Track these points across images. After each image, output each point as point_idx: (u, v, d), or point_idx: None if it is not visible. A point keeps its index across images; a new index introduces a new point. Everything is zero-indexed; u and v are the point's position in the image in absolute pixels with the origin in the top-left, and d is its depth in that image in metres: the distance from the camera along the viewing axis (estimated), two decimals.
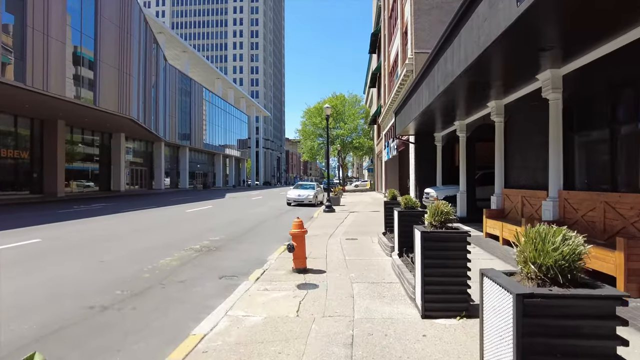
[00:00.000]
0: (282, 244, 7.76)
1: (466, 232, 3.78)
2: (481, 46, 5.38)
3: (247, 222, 12.51)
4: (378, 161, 35.88)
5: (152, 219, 13.18)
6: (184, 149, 49.66)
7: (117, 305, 4.36)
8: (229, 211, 16.68)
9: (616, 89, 5.47)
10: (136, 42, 28.13)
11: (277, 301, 4.33)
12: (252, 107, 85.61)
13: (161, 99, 39.11)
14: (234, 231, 10.41)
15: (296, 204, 20.17)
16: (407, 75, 16.12)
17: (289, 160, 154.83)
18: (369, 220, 12.85)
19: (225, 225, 11.74)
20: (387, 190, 8.73)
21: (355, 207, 18.87)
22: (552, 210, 6.38)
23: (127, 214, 15.02)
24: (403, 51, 18.67)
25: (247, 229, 11.00)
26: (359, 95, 44.79)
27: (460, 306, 3.78)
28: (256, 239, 9.30)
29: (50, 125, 26.67)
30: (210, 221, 12.77)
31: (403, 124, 13.83)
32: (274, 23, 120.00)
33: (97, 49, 23.15)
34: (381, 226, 10.46)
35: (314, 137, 43.15)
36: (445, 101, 8.96)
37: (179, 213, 15.48)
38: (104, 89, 23.88)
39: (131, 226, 11.26)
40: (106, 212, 15.29)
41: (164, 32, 42.88)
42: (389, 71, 25.13)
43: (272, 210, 17.14)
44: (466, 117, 11.32)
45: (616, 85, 5.43)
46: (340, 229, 10.55)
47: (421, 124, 13.22)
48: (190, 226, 11.40)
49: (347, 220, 12.75)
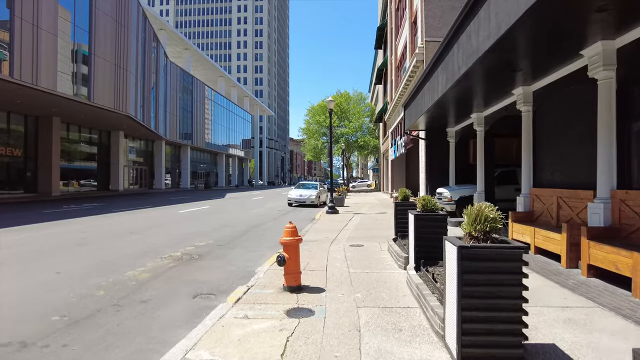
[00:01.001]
0: (277, 251, 6.66)
1: (522, 247, 2.65)
2: (520, 9, 4.24)
3: (242, 225, 11.43)
4: (384, 160, 34.70)
5: (139, 221, 12.16)
6: (186, 148, 48.78)
7: (44, 340, 3.28)
8: (225, 212, 15.63)
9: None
10: (134, 36, 27.21)
11: (258, 336, 3.23)
12: (255, 106, 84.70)
13: (161, 97, 38.22)
14: (224, 235, 9.33)
15: (298, 204, 19.07)
16: (417, 66, 14.96)
17: (293, 160, 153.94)
18: (376, 223, 11.71)
19: (217, 228, 10.67)
20: (397, 190, 7.60)
21: (361, 208, 17.73)
22: (602, 214, 5.20)
23: (115, 214, 14.01)
24: (412, 42, 17.52)
25: (240, 232, 9.92)
26: (364, 93, 43.64)
27: (513, 354, 2.65)
28: (248, 244, 8.21)
29: (45, 122, 25.83)
30: (202, 223, 11.71)
31: (413, 118, 12.67)
32: (279, 22, 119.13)
33: (91, 42, 22.23)
34: (390, 230, 9.34)
35: (318, 135, 42.00)
36: (464, 87, 7.81)
37: (171, 214, 14.45)
38: (98, 84, 22.96)
39: (113, 229, 10.23)
40: (94, 213, 14.31)
41: (165, 28, 42.02)
42: (396, 65, 23.96)
43: (271, 212, 16.06)
44: (485, 108, 10.14)
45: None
46: (344, 234, 9.43)
47: (433, 118, 12.06)
48: (179, 229, 10.34)
49: (351, 223, 11.63)
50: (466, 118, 11.82)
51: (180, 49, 48.75)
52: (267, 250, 7.44)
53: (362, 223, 11.67)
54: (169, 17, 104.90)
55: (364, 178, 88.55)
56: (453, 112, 11.09)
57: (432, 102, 9.61)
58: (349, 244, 7.85)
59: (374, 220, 12.50)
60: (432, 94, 9.43)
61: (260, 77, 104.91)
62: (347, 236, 8.94)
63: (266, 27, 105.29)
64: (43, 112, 24.91)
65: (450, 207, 11.73)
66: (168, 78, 40.96)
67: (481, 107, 10.23)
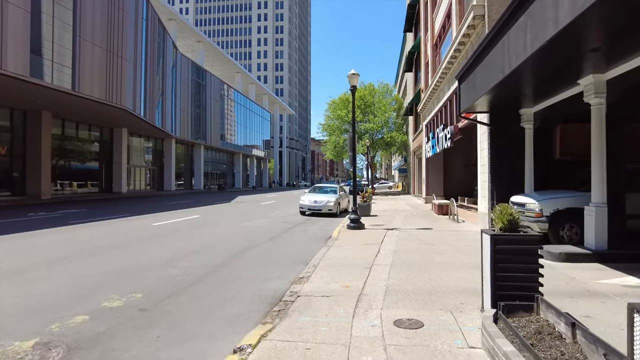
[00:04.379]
0: (260, 319, 2.93)
1: None
2: None
3: (220, 250, 7.68)
4: (414, 159, 30.33)
5: (78, 241, 8.63)
6: (199, 147, 45.97)
7: None
8: (214, 225, 11.99)
9: None
10: (131, 20, 24.20)
11: None
12: (275, 104, 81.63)
13: (169, 92, 35.36)
14: (174, 278, 5.59)
15: (312, 212, 15.21)
16: (473, 26, 10.81)
17: (315, 160, 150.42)
18: (427, 252, 7.65)
19: (178, 257, 6.97)
20: (497, 208, 3.63)
21: (393, 219, 13.65)
22: None
23: (71, 227, 10.65)
24: (459, 2, 13.36)
25: (205, 270, 6.15)
26: (390, 85, 39.17)
27: None
28: (194, 310, 4.38)
29: (33, 118, 23.18)
30: (163, 247, 8.06)
31: (474, 93, 8.54)
32: (300, 18, 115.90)
33: (75, 21, 19.24)
34: (460, 272, 5.34)
35: (339, 132, 37.94)
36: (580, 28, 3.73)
37: (141, 228, 10.91)
38: (85, 71, 19.97)
39: (43, 255, 6.73)
40: (51, 225, 10.98)
41: (175, 19, 39.22)
42: (432, 43, 19.72)
43: (274, 224, 12.29)
44: (609, 66, 5.94)
45: None
46: (376, 277, 5.49)
47: (508, 92, 7.89)
48: (113, 261, 6.70)
49: (385, 250, 7.65)
50: (563, 89, 7.58)
51: (193, 42, 46.03)
52: (221, 338, 3.62)
53: (404, 250, 7.65)
54: (189, 15, 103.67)
55: (388, 179, 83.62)
56: (543, 80, 6.92)
57: (516, 63, 5.54)
58: (391, 318, 3.89)
59: (420, 243, 8.45)
60: (522, 44, 5.33)
61: (281, 75, 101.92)
62: (383, 288, 4.97)
63: (287, 24, 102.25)
64: (31, 106, 22.25)
65: (539, 225, 7.56)
66: (178, 72, 38.14)
67: (601, 64, 6.03)
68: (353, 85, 10.77)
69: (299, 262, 6.69)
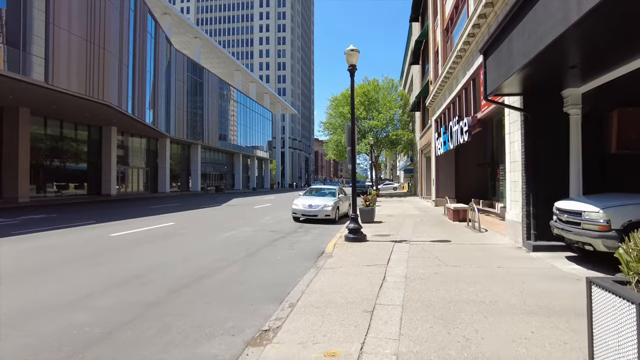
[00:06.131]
0: None
1: None
2: None
3: (172, 276, 5.72)
4: (422, 158, 28.23)
5: (23, 255, 6.73)
6: (196, 147, 44.20)
7: None
8: (186, 235, 10.04)
9: None
10: (116, 9, 22.41)
11: None
12: (277, 103, 79.77)
13: (163, 88, 33.58)
14: (78, 330, 3.63)
15: (306, 218, 13.22)
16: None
17: (318, 161, 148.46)
18: (451, 278, 5.62)
19: (114, 285, 5.03)
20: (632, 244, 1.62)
21: (400, 227, 11.60)
22: None
23: (14, 239, 8.78)
24: None
25: (134, 310, 4.19)
26: (395, 80, 37.04)
27: None
28: None
29: (10, 115, 21.48)
30: (102, 269, 6.11)
31: (509, 66, 6.49)
32: (303, 16, 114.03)
33: (49, 7, 17.45)
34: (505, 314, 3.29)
35: (342, 131, 35.92)
36: None
37: (95, 240, 9.00)
38: (60, 62, 18.18)
39: None
40: None
41: (170, 13, 37.44)
42: (443, 28, 17.68)
43: (258, 234, 10.32)
44: None
45: None
46: (379, 337, 3.48)
47: (555, 61, 5.85)
48: (31, 290, 4.79)
49: (393, 277, 5.63)
50: (632, 56, 5.53)
51: (190, 38, 44.29)
52: None
53: (419, 278, 5.62)
54: (190, 14, 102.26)
55: (393, 180, 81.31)
56: (604, 45, 4.89)
57: (579, 14, 3.54)
58: None
59: (439, 264, 6.42)
60: None
61: (284, 75, 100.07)
62: (391, 359, 2.97)
63: (289, 22, 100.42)
64: (4, 102, 20.54)
65: (604, 243, 5.51)
66: (173, 68, 36.36)
67: None
68: (352, 65, 8.77)
69: (271, 297, 4.73)
